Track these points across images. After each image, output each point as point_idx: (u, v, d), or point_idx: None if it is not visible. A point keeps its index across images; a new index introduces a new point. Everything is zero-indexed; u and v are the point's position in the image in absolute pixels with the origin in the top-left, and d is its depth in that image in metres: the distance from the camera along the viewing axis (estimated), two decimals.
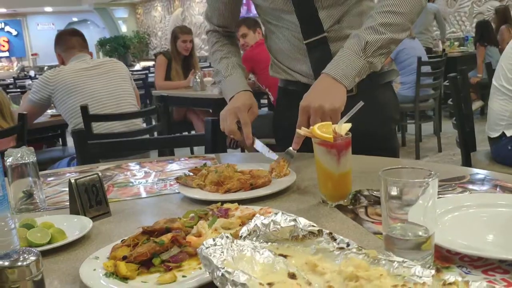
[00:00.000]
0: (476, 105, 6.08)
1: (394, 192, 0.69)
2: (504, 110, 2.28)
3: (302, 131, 1.04)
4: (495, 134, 2.36)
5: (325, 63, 1.35)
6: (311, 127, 1.02)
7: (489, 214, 0.84)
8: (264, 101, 4.97)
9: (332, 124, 1.02)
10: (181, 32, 4.85)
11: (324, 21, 1.36)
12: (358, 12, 1.39)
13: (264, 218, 0.70)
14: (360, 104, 1.05)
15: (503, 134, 2.31)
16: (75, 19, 18.65)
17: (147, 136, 2.91)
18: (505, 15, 6.40)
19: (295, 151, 1.19)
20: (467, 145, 2.48)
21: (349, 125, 1.02)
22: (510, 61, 2.24)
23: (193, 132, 5.18)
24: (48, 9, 17.12)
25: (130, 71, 8.78)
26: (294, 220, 0.69)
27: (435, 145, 5.13)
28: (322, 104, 1.15)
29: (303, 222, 0.69)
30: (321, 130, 0.99)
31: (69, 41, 2.94)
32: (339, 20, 1.37)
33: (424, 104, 4.99)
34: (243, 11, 1.58)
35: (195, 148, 4.21)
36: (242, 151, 4.47)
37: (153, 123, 4.72)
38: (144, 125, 3.67)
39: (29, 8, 16.57)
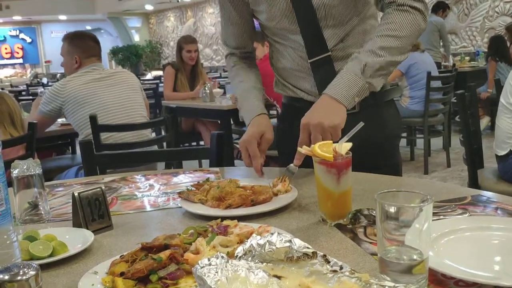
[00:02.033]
0: (484, 122, 6.05)
1: (389, 215, 0.69)
2: (511, 128, 2.27)
3: (303, 149, 1.05)
4: (502, 152, 2.35)
5: (329, 81, 1.37)
6: (312, 145, 1.03)
7: (485, 238, 0.84)
8: (273, 111, 4.99)
9: (333, 141, 1.03)
10: (185, 42, 4.88)
11: (328, 40, 1.38)
12: (362, 31, 1.41)
13: (260, 238, 0.70)
14: (360, 124, 1.06)
15: (510, 152, 2.30)
16: (88, 28, 18.86)
17: (155, 146, 2.93)
18: None
19: (297, 168, 1.20)
20: (474, 162, 2.47)
21: (349, 145, 1.03)
22: None
23: (201, 143, 5.21)
24: (62, 17, 17.37)
25: (141, 80, 8.87)
26: (290, 241, 0.70)
27: (444, 160, 5.11)
28: (322, 121, 1.18)
29: (298, 243, 0.69)
30: (322, 149, 1.00)
31: (92, 49, 2.89)
32: (343, 39, 1.39)
33: (434, 118, 4.98)
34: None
35: (204, 160, 4.23)
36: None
37: (163, 132, 4.75)
38: (154, 134, 3.69)
39: (44, 16, 16.82)
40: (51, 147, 4.01)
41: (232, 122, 4.47)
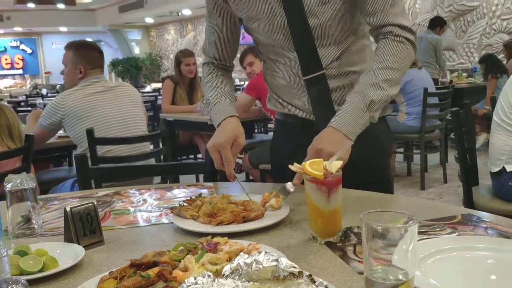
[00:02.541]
0: (481, 139, 6.06)
1: (375, 235, 0.70)
2: (504, 145, 2.29)
3: (294, 167, 1.06)
4: (496, 169, 2.36)
5: (323, 98, 1.39)
6: (303, 163, 1.04)
7: (472, 258, 0.85)
8: (271, 124, 5.02)
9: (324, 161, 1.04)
10: (183, 56, 4.90)
11: (323, 58, 1.40)
12: (356, 50, 1.43)
13: (247, 257, 0.71)
14: (350, 143, 1.07)
15: (504, 169, 2.31)
16: (89, 39, 18.95)
17: (153, 159, 2.93)
18: None
19: (294, 187, 1.20)
20: (468, 179, 2.48)
21: (340, 163, 1.04)
22: (508, 96, 2.26)
23: (199, 156, 5.21)
24: (63, 29, 17.48)
25: (141, 92, 8.90)
26: (276, 260, 0.70)
27: (441, 176, 5.12)
28: (332, 151, 1.13)
29: (284, 262, 0.70)
30: (312, 167, 1.01)
31: (97, 60, 2.85)
32: (337, 58, 1.41)
33: (430, 134, 4.99)
34: (248, 38, 1.61)
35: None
36: (246, 176, 4.49)
37: (161, 145, 4.77)
38: (152, 146, 3.68)
39: (45, 27, 16.93)
40: (49, 158, 4.01)
41: None
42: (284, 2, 1.34)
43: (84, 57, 2.82)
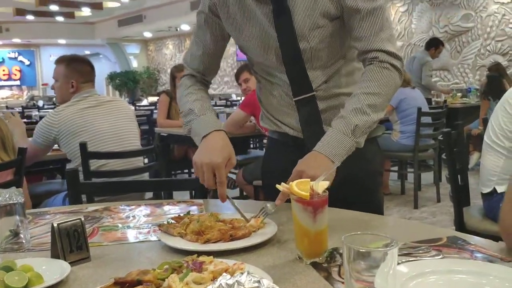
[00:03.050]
0: (474, 158, 6.10)
1: (355, 258, 0.71)
2: (495, 166, 2.30)
3: (281, 186, 1.07)
4: (487, 190, 2.37)
5: (312, 118, 1.41)
6: (290, 183, 1.05)
7: (455, 281, 0.86)
8: (265, 139, 5.03)
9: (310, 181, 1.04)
10: (177, 71, 4.90)
11: (313, 81, 1.42)
12: (346, 73, 1.45)
13: (229, 278, 0.71)
14: (335, 166, 1.09)
15: (495, 190, 2.32)
16: (87, 52, 19.05)
17: (147, 174, 2.93)
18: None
19: (274, 208, 1.21)
20: (459, 200, 2.49)
21: (326, 183, 1.04)
22: (499, 118, 2.29)
23: (193, 170, 5.21)
24: (62, 41, 17.55)
25: (137, 105, 8.89)
26: (258, 281, 0.71)
27: (434, 195, 5.13)
28: (316, 174, 1.12)
29: (266, 283, 0.70)
30: (299, 187, 1.02)
31: (89, 74, 2.85)
32: (327, 81, 1.43)
33: (424, 153, 5.02)
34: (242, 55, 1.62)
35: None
36: (240, 191, 4.49)
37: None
38: (146, 160, 3.67)
39: (43, 39, 17.00)
40: (42, 171, 4.00)
41: None
42: (276, 25, 1.36)
43: (77, 71, 2.82)
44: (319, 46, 1.37)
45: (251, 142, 6.74)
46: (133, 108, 5.47)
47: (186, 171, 5.62)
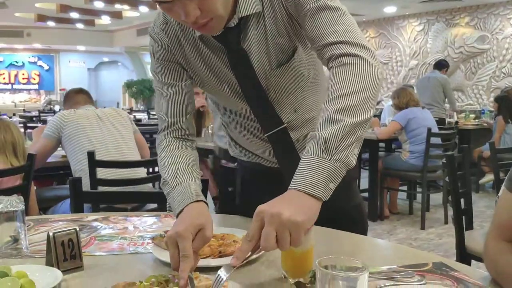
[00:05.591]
0: (488, 177, 6.06)
1: (329, 281, 0.73)
2: None
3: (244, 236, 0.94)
4: None
5: (287, 148, 1.37)
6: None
7: None
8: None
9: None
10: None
11: (282, 114, 1.35)
12: (312, 93, 1.38)
13: None
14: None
15: None
16: (105, 59, 19.38)
17: (150, 184, 2.99)
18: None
19: (230, 271, 0.92)
20: (460, 223, 2.49)
21: (309, 240, 1.05)
22: None
23: None
24: (81, 48, 17.86)
25: (151, 114, 8.96)
26: None
27: (442, 216, 5.10)
28: (282, 211, 0.90)
29: None
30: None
31: (74, 98, 3.29)
32: (296, 109, 1.37)
33: (433, 174, 5.00)
34: None
35: None
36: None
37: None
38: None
39: (63, 45, 17.32)
40: (53, 176, 4.08)
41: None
42: (234, 70, 1.28)
43: (67, 101, 3.41)
44: (284, 81, 1.30)
45: None
46: (132, 116, 5.56)
47: None
